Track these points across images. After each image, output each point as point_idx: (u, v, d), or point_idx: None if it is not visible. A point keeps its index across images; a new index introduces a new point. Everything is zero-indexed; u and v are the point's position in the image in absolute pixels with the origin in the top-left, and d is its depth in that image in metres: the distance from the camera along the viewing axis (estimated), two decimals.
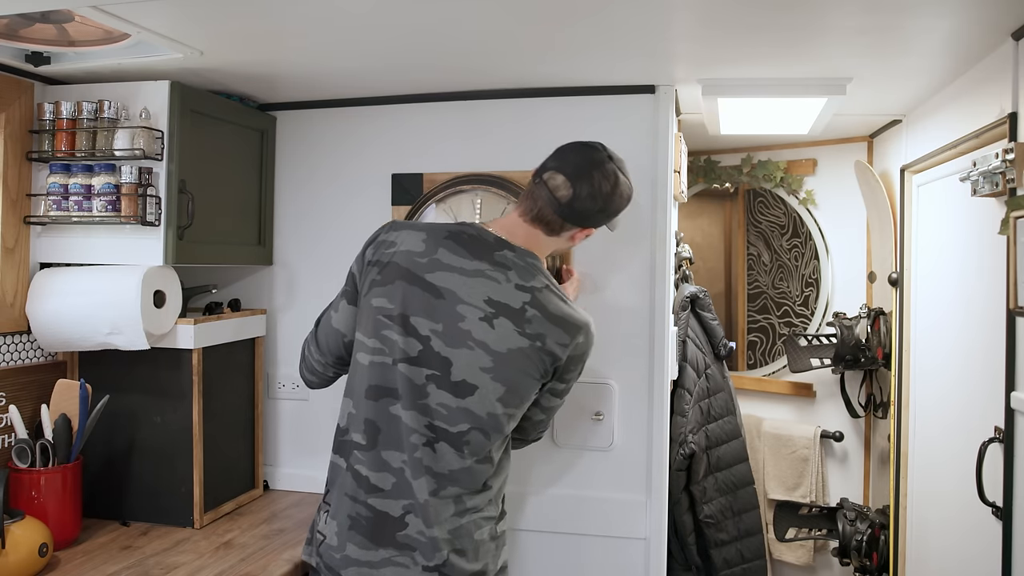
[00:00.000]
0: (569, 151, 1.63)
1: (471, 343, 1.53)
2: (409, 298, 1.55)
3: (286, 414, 2.42)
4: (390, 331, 1.55)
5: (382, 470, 1.55)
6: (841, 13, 1.55)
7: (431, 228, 1.62)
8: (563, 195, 1.58)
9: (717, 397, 2.59)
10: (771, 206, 3.34)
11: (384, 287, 1.56)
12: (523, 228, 1.63)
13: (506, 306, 1.55)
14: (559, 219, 1.61)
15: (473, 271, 1.55)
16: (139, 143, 1.90)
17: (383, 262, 1.59)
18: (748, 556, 2.58)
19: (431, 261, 1.56)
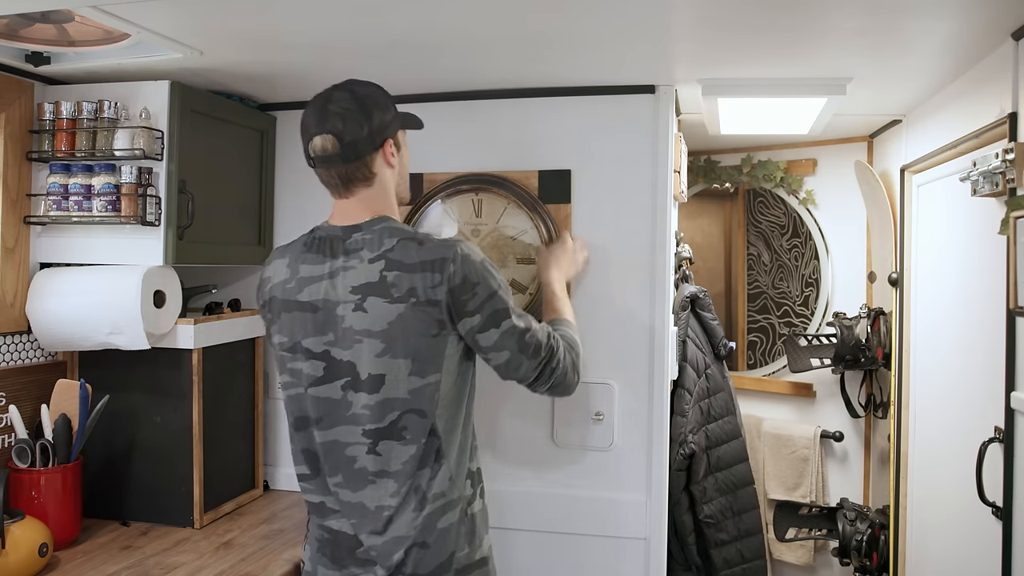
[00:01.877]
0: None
1: (358, 336, 1.48)
2: (294, 325, 1.54)
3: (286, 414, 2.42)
4: (294, 362, 1.55)
5: (327, 493, 1.55)
6: (841, 14, 1.55)
7: (291, 248, 1.61)
8: (313, 147, 1.52)
9: (717, 397, 2.59)
10: (771, 206, 3.34)
11: (276, 324, 1.58)
12: (349, 204, 1.56)
13: (368, 284, 1.47)
14: (341, 165, 1.52)
15: (331, 271, 1.52)
16: (139, 143, 1.90)
17: (266, 300, 1.61)
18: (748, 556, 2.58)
19: (297, 282, 1.54)
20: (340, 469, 1.52)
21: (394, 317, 1.46)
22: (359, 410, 1.49)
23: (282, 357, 1.57)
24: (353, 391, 1.50)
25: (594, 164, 2.16)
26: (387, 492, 1.49)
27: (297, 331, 1.53)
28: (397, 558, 1.49)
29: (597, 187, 2.17)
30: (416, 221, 2.27)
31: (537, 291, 2.17)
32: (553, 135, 2.20)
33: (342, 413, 1.50)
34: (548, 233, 2.16)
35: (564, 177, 2.18)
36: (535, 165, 2.20)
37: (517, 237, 2.21)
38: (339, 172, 1.53)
